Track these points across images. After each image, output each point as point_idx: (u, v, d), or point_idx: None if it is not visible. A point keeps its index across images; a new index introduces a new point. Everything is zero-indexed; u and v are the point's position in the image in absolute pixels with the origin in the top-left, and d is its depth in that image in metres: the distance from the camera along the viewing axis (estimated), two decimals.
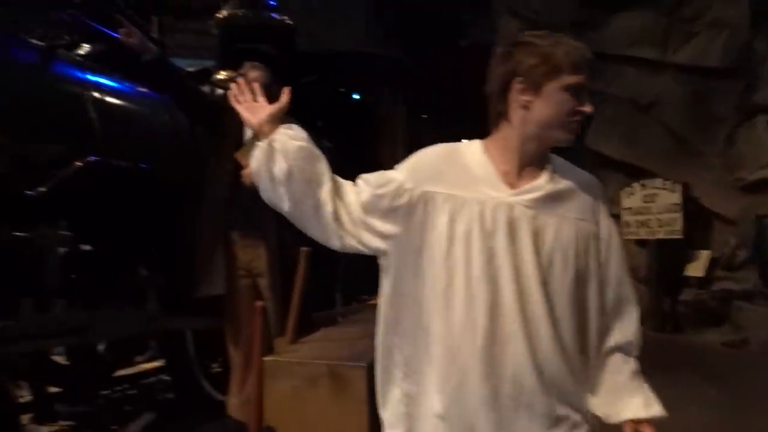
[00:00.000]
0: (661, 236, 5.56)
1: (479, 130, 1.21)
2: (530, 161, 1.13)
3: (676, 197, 5.50)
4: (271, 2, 4.20)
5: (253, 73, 2.45)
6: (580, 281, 1.10)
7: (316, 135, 4.29)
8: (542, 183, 1.12)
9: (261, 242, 2.56)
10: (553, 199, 1.11)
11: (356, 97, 4.95)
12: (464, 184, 1.10)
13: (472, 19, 6.80)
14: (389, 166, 1.28)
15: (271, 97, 1.24)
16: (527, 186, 1.11)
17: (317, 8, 7.02)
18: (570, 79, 1.07)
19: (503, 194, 1.08)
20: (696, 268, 5.50)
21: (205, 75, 3.67)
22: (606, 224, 1.17)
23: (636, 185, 5.76)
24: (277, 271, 2.54)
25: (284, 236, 2.46)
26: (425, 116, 6.58)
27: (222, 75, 3.56)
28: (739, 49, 5.05)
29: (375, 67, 4.78)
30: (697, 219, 5.57)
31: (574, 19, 5.62)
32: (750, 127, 5.08)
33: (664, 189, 5.58)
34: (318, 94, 4.77)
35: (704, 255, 5.50)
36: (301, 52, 4.70)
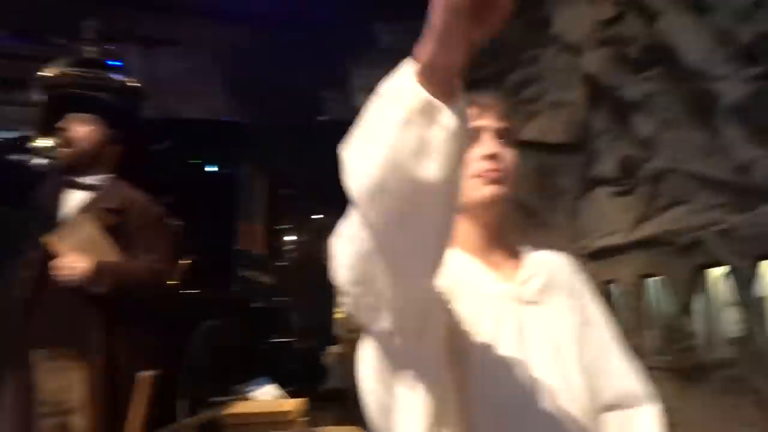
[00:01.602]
0: None
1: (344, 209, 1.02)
2: (498, 243, 1.06)
3: None
4: (113, 62, 3.76)
5: (81, 128, 2.00)
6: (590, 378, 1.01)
7: (164, 211, 3.76)
8: (534, 268, 1.06)
9: (77, 363, 1.98)
10: (548, 287, 1.04)
11: (212, 169, 4.55)
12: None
13: (330, 94, 6.74)
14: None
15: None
16: (520, 276, 1.03)
17: (167, 77, 6.57)
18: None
19: (499, 288, 1.00)
20: None
21: (22, 142, 3.10)
22: (594, 304, 1.13)
23: None
24: (101, 405, 1.97)
25: (116, 351, 1.93)
26: (288, 192, 6.28)
27: (43, 142, 3.02)
28: (578, 126, 5.50)
29: (232, 137, 4.45)
30: None
31: None
32: (592, 198, 5.46)
33: None
34: (167, 165, 4.31)
35: None
36: (148, 119, 4.26)
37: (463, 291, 0.97)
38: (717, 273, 4.23)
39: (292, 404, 3.21)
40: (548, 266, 1.05)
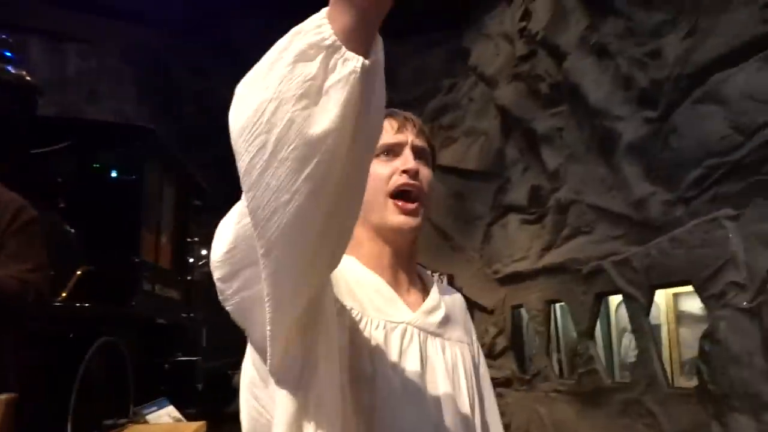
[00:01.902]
0: None
1: None
2: (405, 268, 0.99)
3: None
4: (6, 53, 3.46)
5: None
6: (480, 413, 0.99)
7: (56, 217, 3.46)
8: (437, 299, 0.99)
9: None
10: (448, 319, 0.99)
11: (114, 174, 4.27)
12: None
13: None
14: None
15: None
16: (425, 305, 0.97)
17: (74, 76, 6.20)
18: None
19: (406, 316, 0.93)
20: None
21: None
22: (478, 346, 1.07)
23: None
24: None
25: None
26: (198, 202, 6.02)
27: None
28: (493, 155, 5.70)
29: (140, 141, 4.19)
30: None
31: None
32: (503, 224, 5.65)
33: None
34: (64, 167, 4.01)
35: None
36: (45, 116, 3.95)
37: (371, 313, 0.90)
38: (616, 301, 4.48)
39: (190, 427, 3.03)
40: (447, 300, 1.03)
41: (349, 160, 0.62)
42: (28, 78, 3.38)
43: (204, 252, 7.08)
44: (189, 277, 5.75)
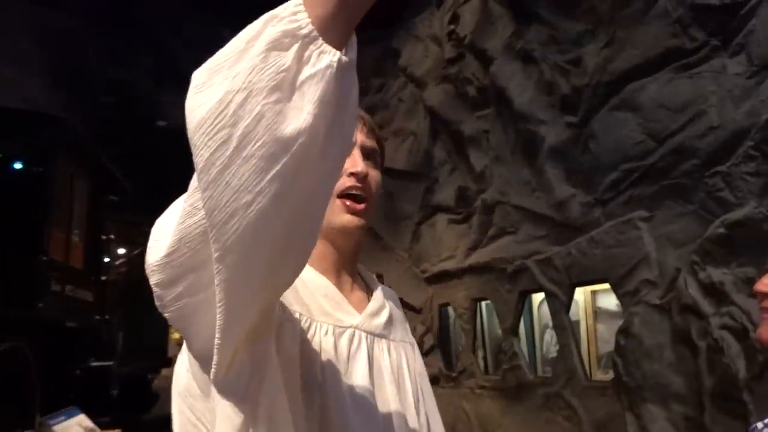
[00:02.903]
0: None
1: None
2: (349, 268, 0.98)
3: None
4: None
5: None
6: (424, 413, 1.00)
7: None
8: (381, 300, 0.99)
9: None
10: (391, 320, 0.99)
11: (18, 166, 3.96)
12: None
13: (173, 99, 6.36)
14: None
15: None
16: (370, 307, 0.96)
17: None
18: None
19: (353, 319, 0.93)
20: None
21: None
22: (415, 344, 1.07)
23: None
24: None
25: None
26: (115, 198, 5.71)
27: None
28: (421, 155, 5.77)
29: (48, 131, 3.91)
30: None
31: None
32: (431, 224, 5.73)
33: None
34: None
35: None
36: None
37: (319, 318, 0.89)
38: (539, 299, 4.64)
39: None
40: (392, 301, 1.04)
41: (319, 162, 0.56)
42: None
43: (121, 251, 6.71)
44: (103, 278, 5.44)
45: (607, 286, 3.53)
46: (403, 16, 5.97)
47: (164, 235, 0.64)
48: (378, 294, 0.99)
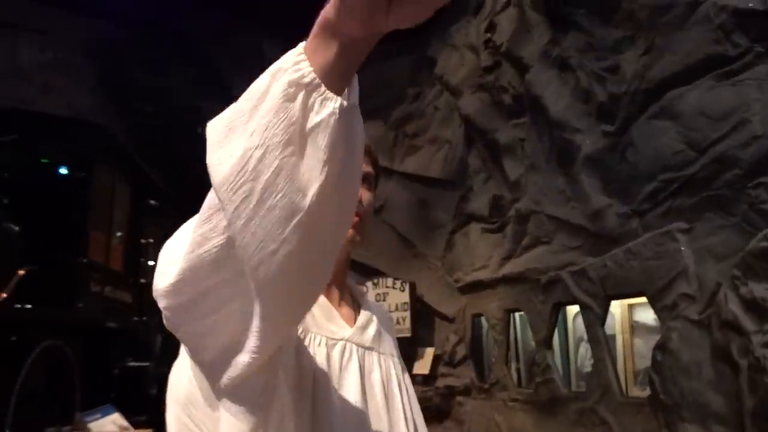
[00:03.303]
0: None
1: None
2: (338, 282, 1.03)
3: (404, 296, 5.76)
4: None
5: None
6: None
7: None
8: (369, 314, 1.04)
9: None
10: (380, 333, 1.04)
11: (64, 171, 4.11)
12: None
13: (212, 106, 6.50)
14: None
15: None
16: (360, 321, 1.01)
17: (28, 67, 6.00)
18: None
19: (345, 332, 0.98)
20: (422, 366, 5.74)
21: None
22: (400, 357, 1.10)
23: (369, 284, 5.91)
24: None
25: None
26: (155, 203, 5.87)
27: None
28: (456, 163, 5.73)
29: (93, 138, 4.05)
30: (423, 317, 5.89)
31: None
32: (465, 233, 5.67)
33: (394, 288, 5.82)
34: (8, 161, 3.84)
35: (428, 352, 5.79)
36: None
37: (313, 329, 0.94)
38: (574, 311, 4.53)
39: None
40: (378, 314, 1.08)
41: (336, 200, 0.60)
42: None
43: None
44: (142, 280, 5.58)
45: (644, 299, 3.42)
46: (439, 24, 5.96)
47: (174, 260, 0.68)
48: (366, 307, 1.04)
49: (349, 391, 0.91)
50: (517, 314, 5.02)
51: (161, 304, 0.70)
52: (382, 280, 5.88)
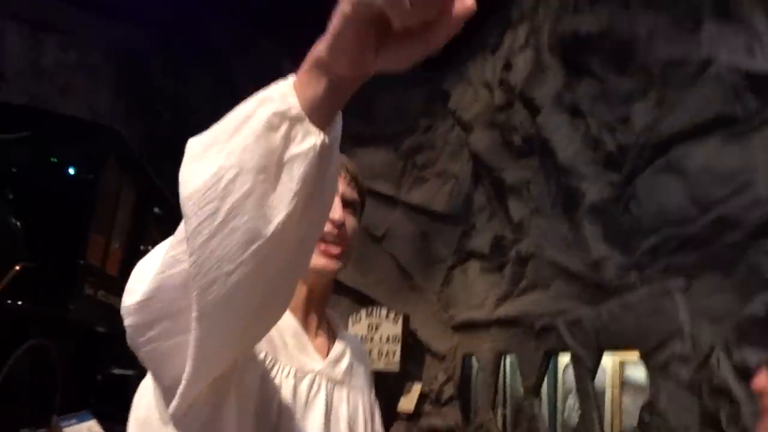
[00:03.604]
0: (380, 367, 5.62)
1: None
2: (317, 310, 1.02)
3: (397, 329, 5.69)
4: None
5: None
6: None
7: (2, 208, 3.32)
8: (343, 347, 1.03)
9: None
10: (351, 367, 1.04)
11: (71, 172, 4.14)
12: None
13: (223, 116, 6.56)
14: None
15: None
16: (333, 353, 1.01)
17: (51, 69, 6.11)
18: None
19: (315, 364, 0.97)
20: (407, 402, 5.63)
21: None
22: (373, 393, 1.12)
23: (363, 312, 5.85)
24: None
25: None
26: (158, 211, 5.89)
27: None
28: (461, 199, 5.71)
29: (103, 141, 4.09)
30: (413, 352, 5.81)
31: None
32: (464, 270, 5.63)
33: (387, 320, 5.76)
34: (19, 158, 3.88)
35: (415, 389, 5.68)
36: (4, 103, 3.85)
37: (282, 359, 0.93)
38: (565, 361, 4.45)
39: None
40: (352, 348, 1.07)
41: (296, 233, 0.61)
42: None
43: None
44: None
45: (636, 356, 3.35)
46: (456, 59, 6.02)
47: (144, 278, 0.69)
48: (341, 340, 1.04)
49: (313, 426, 0.90)
50: (508, 358, 4.93)
51: (126, 321, 0.71)
52: (376, 309, 5.82)
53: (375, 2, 0.50)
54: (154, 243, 0.74)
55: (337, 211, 0.97)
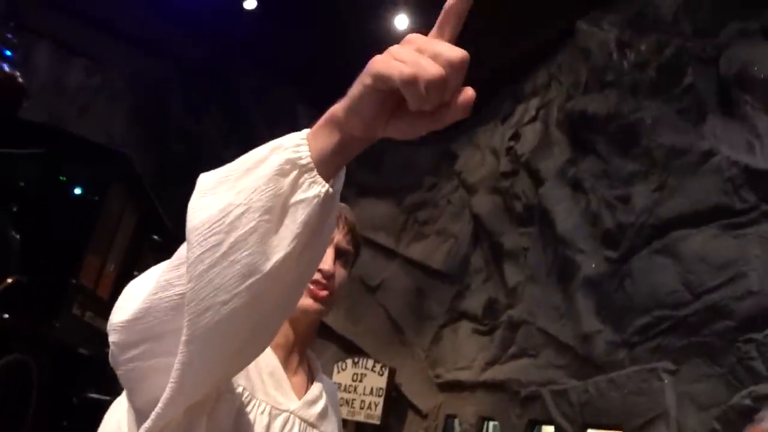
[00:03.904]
0: (361, 419, 5.53)
1: None
2: (299, 350, 1.03)
3: (382, 381, 5.62)
4: (5, 51, 3.49)
5: None
6: None
7: (3, 220, 3.34)
8: (320, 389, 1.03)
9: None
10: (326, 411, 1.02)
11: (78, 191, 4.19)
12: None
13: (233, 156, 6.68)
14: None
15: None
16: (309, 395, 1.01)
17: (73, 90, 6.26)
18: None
19: (291, 403, 0.96)
20: None
21: None
22: None
23: (349, 361, 5.79)
24: None
25: None
26: (159, 240, 5.92)
27: None
28: (459, 259, 5.76)
29: (113, 166, 4.16)
30: (396, 407, 5.72)
31: None
32: (454, 329, 5.61)
33: (373, 371, 5.69)
34: (28, 172, 3.93)
35: None
36: (23, 119, 3.93)
37: (259, 396, 0.93)
38: (549, 431, 4.38)
39: None
40: (328, 391, 1.07)
41: (291, 274, 0.63)
42: (19, 80, 3.40)
43: None
44: None
45: None
46: (466, 124, 6.19)
47: (134, 298, 0.69)
48: (318, 382, 1.04)
49: None
50: (491, 423, 4.86)
51: (111, 338, 0.71)
52: (362, 360, 5.76)
53: (394, 82, 0.55)
54: (148, 269, 0.76)
55: (327, 262, 1.00)
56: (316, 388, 1.03)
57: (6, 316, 3.43)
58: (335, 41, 5.21)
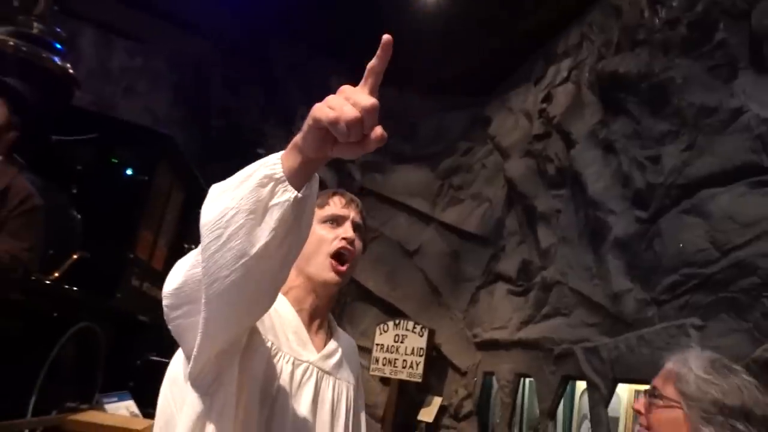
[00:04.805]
0: (403, 377, 5.79)
1: None
2: (321, 313, 1.25)
3: (422, 342, 5.85)
4: (57, 45, 3.72)
5: None
6: None
7: (66, 201, 3.63)
8: (336, 345, 1.25)
9: None
10: (341, 362, 1.25)
11: (129, 172, 4.48)
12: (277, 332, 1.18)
13: (275, 131, 6.89)
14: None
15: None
16: (326, 349, 1.23)
17: (117, 72, 6.52)
18: (326, 212, 1.27)
19: (311, 356, 1.19)
20: (427, 414, 5.78)
21: None
22: (362, 391, 1.33)
23: (390, 323, 6.03)
24: None
25: None
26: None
27: None
28: (493, 222, 5.86)
29: (161, 146, 4.42)
30: (436, 366, 5.96)
31: (364, 159, 6.04)
32: (490, 291, 5.76)
33: (414, 332, 5.93)
34: (83, 157, 4.22)
35: (435, 401, 5.83)
36: (78, 108, 4.19)
37: (285, 349, 1.16)
38: (582, 387, 4.53)
39: (142, 423, 3.13)
40: (345, 347, 1.31)
41: (274, 256, 0.88)
42: (71, 71, 3.64)
43: None
44: None
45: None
46: (499, 87, 6.19)
47: (179, 272, 0.97)
48: (335, 339, 1.25)
49: (304, 403, 1.14)
50: (527, 380, 5.03)
51: (164, 302, 0.98)
52: (403, 321, 6.00)
53: (324, 123, 0.79)
54: (197, 242, 0.97)
55: (349, 232, 1.25)
56: (333, 344, 1.27)
57: (74, 288, 3.76)
58: (367, 14, 5.28)
